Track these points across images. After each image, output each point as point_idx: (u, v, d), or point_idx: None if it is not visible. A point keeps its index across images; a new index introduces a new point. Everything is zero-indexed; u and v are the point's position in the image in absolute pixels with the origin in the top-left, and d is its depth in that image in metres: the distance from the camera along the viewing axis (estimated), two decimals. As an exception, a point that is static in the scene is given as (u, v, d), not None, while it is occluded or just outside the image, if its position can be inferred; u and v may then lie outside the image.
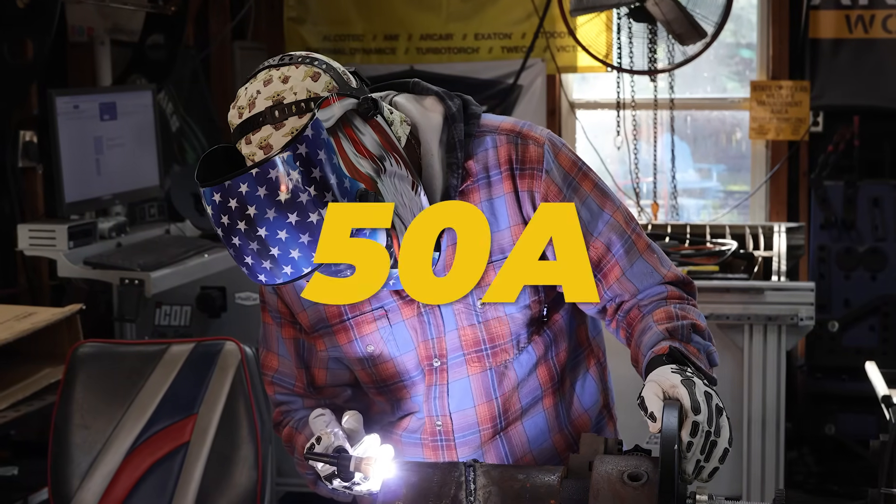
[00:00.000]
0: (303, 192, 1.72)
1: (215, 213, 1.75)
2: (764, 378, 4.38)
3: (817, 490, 5.33)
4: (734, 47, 6.36)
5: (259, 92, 1.80)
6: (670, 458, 1.64)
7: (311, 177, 1.73)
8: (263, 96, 1.79)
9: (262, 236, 1.73)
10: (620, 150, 5.96)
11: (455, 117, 2.00)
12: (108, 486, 2.82)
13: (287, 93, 1.79)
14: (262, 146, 1.76)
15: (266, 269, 1.76)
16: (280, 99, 1.78)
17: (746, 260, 4.75)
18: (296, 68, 1.82)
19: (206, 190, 1.74)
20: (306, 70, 1.82)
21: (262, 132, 1.77)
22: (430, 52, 6.22)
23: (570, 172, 2.03)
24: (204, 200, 1.76)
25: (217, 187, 1.73)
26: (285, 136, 1.76)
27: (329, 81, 1.82)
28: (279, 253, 1.74)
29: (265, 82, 1.81)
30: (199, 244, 4.59)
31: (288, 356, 2.17)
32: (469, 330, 2.04)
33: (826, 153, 5.70)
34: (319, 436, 1.93)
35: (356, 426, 1.96)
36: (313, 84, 1.80)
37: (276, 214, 1.72)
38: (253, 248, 1.74)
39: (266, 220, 1.72)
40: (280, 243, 1.73)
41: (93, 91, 4.65)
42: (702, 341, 1.92)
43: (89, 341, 3.00)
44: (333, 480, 1.92)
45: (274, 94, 1.79)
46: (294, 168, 1.72)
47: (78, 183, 4.31)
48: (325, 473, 1.92)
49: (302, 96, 1.79)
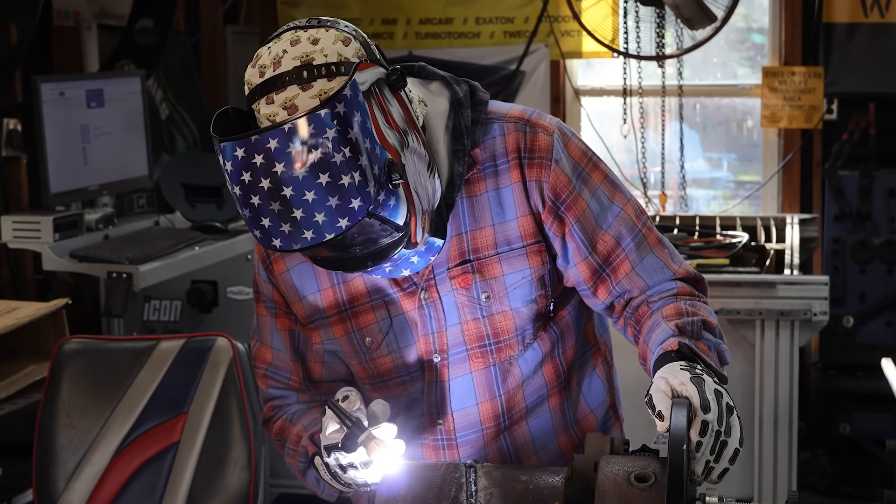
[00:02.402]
0: (337, 152, 1.71)
1: (235, 169, 1.72)
2: (776, 376, 4.38)
3: (831, 492, 5.33)
4: (745, 32, 6.35)
5: (286, 52, 1.78)
6: (679, 459, 1.64)
7: (346, 137, 1.71)
8: (291, 56, 1.77)
9: (287, 196, 1.71)
10: (627, 138, 5.95)
11: (462, 103, 1.99)
12: (94, 487, 2.82)
13: (317, 54, 1.77)
14: (287, 106, 1.74)
15: (284, 232, 1.73)
16: (309, 60, 1.76)
17: (758, 253, 4.75)
18: (325, 31, 1.81)
19: (226, 144, 1.72)
20: (337, 34, 1.81)
21: (287, 92, 1.75)
22: (430, 36, 6.21)
23: (579, 163, 2.03)
24: (222, 156, 1.73)
25: (242, 142, 1.71)
26: (312, 97, 1.74)
27: (359, 48, 1.81)
28: (302, 216, 1.72)
29: (292, 42, 1.79)
30: (190, 236, 4.59)
31: (283, 349, 2.16)
32: (473, 324, 2.04)
33: (840, 142, 5.69)
34: (347, 394, 1.92)
35: (380, 414, 1.94)
36: (344, 48, 1.79)
37: (307, 174, 1.70)
38: (273, 209, 1.72)
39: (294, 180, 1.70)
40: (306, 205, 1.71)
41: (79, 77, 4.64)
42: (712, 339, 1.92)
43: (75, 337, 3.00)
44: (332, 453, 1.91)
45: (303, 55, 1.77)
46: (331, 127, 1.70)
47: (64, 173, 4.30)
48: (329, 443, 1.91)
49: (332, 59, 1.77)
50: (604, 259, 2.02)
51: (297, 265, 2.08)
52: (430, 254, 1.93)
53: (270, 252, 2.10)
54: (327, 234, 1.73)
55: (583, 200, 2.01)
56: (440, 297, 2.02)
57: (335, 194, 1.71)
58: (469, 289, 2.02)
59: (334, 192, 1.71)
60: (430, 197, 1.89)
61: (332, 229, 1.73)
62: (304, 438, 2.08)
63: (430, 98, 2.00)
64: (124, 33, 5.20)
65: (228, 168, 1.73)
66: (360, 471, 1.89)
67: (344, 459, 1.89)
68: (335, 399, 1.92)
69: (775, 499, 4.37)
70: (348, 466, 1.90)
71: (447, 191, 1.97)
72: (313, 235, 1.73)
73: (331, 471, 1.96)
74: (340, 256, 1.83)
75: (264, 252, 2.11)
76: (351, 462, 1.89)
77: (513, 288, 2.02)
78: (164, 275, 4.32)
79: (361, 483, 1.93)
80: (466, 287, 2.02)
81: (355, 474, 1.91)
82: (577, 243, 2.01)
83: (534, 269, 2.03)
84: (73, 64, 4.97)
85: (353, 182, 1.71)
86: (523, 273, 2.02)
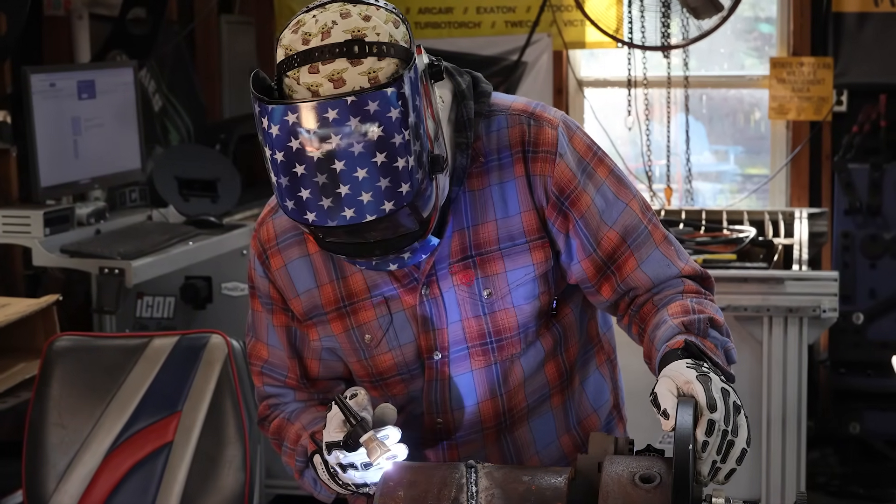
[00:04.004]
0: (398, 133, 1.71)
1: (283, 134, 1.70)
2: (784, 374, 4.38)
3: (841, 493, 5.33)
4: (753, 21, 6.35)
5: (335, 23, 1.76)
6: (684, 459, 1.64)
7: (408, 120, 1.72)
8: (341, 28, 1.75)
9: (337, 170, 1.70)
10: (632, 131, 5.95)
11: (465, 94, 1.99)
12: (86, 488, 2.83)
13: (369, 31, 1.76)
14: (334, 79, 1.72)
15: (322, 206, 1.73)
16: (361, 35, 1.75)
17: (765, 248, 4.75)
18: (376, 9, 1.80)
19: (276, 108, 1.71)
20: (387, 14, 1.80)
21: (335, 64, 1.73)
22: (429, 26, 6.20)
23: (584, 157, 2.03)
24: (267, 119, 1.71)
25: (294, 107, 1.70)
26: (361, 74, 1.73)
27: (405, 32, 1.81)
28: (348, 193, 1.71)
29: (343, 14, 1.77)
30: (184, 231, 4.59)
31: (279, 346, 2.16)
32: (474, 321, 2.04)
33: (850, 134, 5.69)
34: (357, 392, 1.92)
35: (387, 419, 1.94)
36: (394, 30, 1.79)
37: (363, 150, 1.69)
38: (317, 181, 1.71)
39: (349, 154, 1.69)
40: (354, 182, 1.71)
41: (70, 68, 4.64)
42: (719, 337, 1.92)
43: (66, 334, 3.00)
44: (333, 451, 1.91)
45: (354, 29, 1.75)
46: (395, 106, 1.70)
47: (54, 166, 4.30)
48: (330, 440, 1.90)
49: (384, 39, 1.76)
50: (608, 256, 2.02)
51: (295, 260, 2.08)
52: (423, 252, 1.93)
53: (267, 246, 2.09)
54: (369, 215, 1.73)
55: (587, 196, 2.01)
56: (441, 294, 2.02)
57: (388, 175, 1.71)
58: (470, 285, 2.02)
59: (387, 174, 1.71)
60: (442, 194, 1.89)
61: (376, 211, 1.72)
62: (303, 437, 2.07)
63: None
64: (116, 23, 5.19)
65: (274, 132, 1.71)
66: (360, 471, 1.89)
67: (344, 459, 1.89)
68: (343, 395, 1.92)
69: (783, 500, 4.37)
70: (348, 466, 1.90)
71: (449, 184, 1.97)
72: (353, 214, 1.72)
73: (329, 470, 1.96)
74: (352, 241, 1.82)
75: (261, 247, 2.11)
76: (351, 462, 1.89)
77: (515, 285, 2.02)
78: (157, 270, 4.32)
79: (360, 483, 1.93)
80: (468, 283, 2.02)
81: (354, 475, 1.91)
82: (582, 240, 2.01)
83: (537, 266, 2.03)
84: (63, 54, 4.96)
85: (406, 166, 1.72)
86: (526, 269, 2.02)
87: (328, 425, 1.93)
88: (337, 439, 1.89)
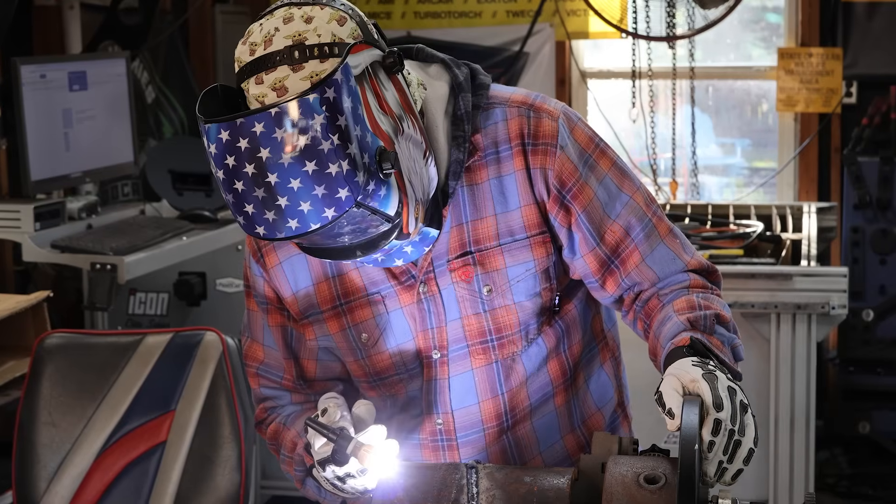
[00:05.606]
0: (325, 139, 1.71)
1: (219, 152, 1.72)
2: (792, 372, 4.38)
3: (850, 493, 5.34)
4: (760, 11, 6.35)
5: (278, 29, 1.78)
6: (690, 459, 1.64)
7: (335, 124, 1.72)
8: (283, 34, 1.77)
9: (272, 183, 1.71)
10: (636, 123, 5.95)
11: (462, 87, 1.99)
12: (77, 488, 2.82)
13: (310, 34, 1.77)
14: (276, 87, 1.74)
15: (268, 220, 1.74)
16: (301, 39, 1.76)
17: (773, 243, 4.75)
18: (320, 9, 1.80)
19: (211, 126, 1.72)
20: (332, 13, 1.80)
21: (277, 72, 1.75)
22: (429, 16, 6.20)
23: (586, 149, 2.02)
24: (206, 138, 1.73)
25: (227, 124, 1.71)
26: (303, 79, 1.74)
27: (354, 28, 1.81)
28: (287, 204, 1.72)
29: (285, 20, 1.79)
30: (177, 226, 4.59)
31: (275, 346, 2.16)
32: (474, 319, 2.04)
33: (860, 127, 5.68)
34: (326, 407, 1.92)
35: (366, 416, 1.94)
36: (339, 28, 1.79)
37: (292, 161, 1.70)
38: (257, 196, 1.72)
39: (279, 166, 1.70)
40: (291, 193, 1.71)
41: (61, 59, 4.64)
42: (726, 333, 1.92)
43: (57, 332, 3.00)
44: (327, 467, 1.90)
45: (295, 34, 1.77)
46: (319, 112, 1.70)
47: (45, 159, 4.30)
48: (321, 457, 1.90)
49: (326, 39, 1.77)
50: (612, 250, 2.02)
51: (290, 258, 2.08)
52: (424, 244, 1.93)
53: (262, 244, 2.09)
54: (312, 224, 1.73)
55: (590, 189, 2.00)
56: (440, 291, 2.02)
57: (322, 183, 1.71)
58: (470, 282, 2.01)
59: (321, 181, 1.71)
60: (425, 185, 1.88)
61: (318, 219, 1.73)
62: (299, 447, 2.07)
63: (428, 82, 1.99)
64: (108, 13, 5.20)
65: (212, 150, 1.73)
66: (359, 479, 1.89)
67: (340, 471, 1.89)
68: (314, 416, 1.92)
69: (791, 501, 4.37)
70: (346, 477, 1.90)
71: (446, 179, 1.96)
72: (298, 225, 1.73)
73: (331, 483, 1.96)
74: (329, 245, 1.83)
75: (255, 245, 2.11)
76: (347, 472, 1.89)
77: (516, 281, 2.02)
78: (151, 266, 4.32)
79: (363, 490, 1.93)
80: (467, 280, 2.01)
81: (354, 483, 1.91)
82: (584, 234, 2.01)
83: (538, 261, 2.02)
84: (54, 45, 4.96)
85: (340, 171, 1.72)
86: (527, 265, 2.02)
87: (313, 444, 1.93)
88: (326, 455, 1.89)
